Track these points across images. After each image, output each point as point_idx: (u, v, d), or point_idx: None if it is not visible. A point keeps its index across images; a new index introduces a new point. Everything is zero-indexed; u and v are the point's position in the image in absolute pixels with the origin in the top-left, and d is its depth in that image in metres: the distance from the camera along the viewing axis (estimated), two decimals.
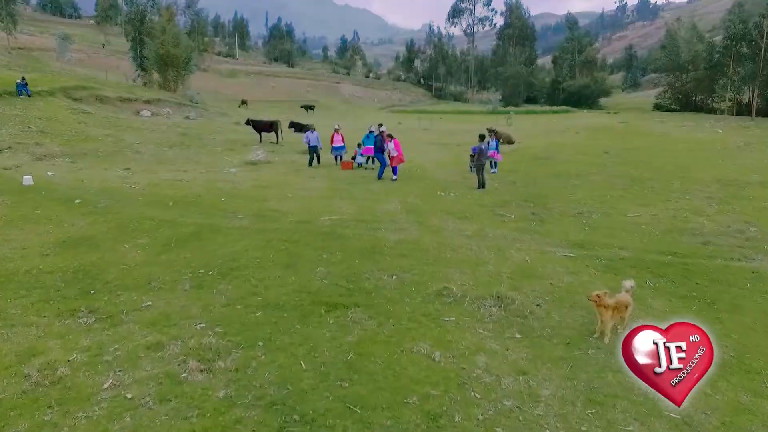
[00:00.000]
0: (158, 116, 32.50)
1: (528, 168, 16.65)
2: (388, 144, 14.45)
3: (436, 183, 13.84)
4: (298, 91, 79.18)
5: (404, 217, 9.86)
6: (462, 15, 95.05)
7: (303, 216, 9.66)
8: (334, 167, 17.07)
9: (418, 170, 16.33)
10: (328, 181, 14.04)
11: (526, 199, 11.62)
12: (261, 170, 16.12)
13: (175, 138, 23.23)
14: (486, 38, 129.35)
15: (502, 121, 40.87)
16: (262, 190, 12.29)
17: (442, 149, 22.76)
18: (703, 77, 48.73)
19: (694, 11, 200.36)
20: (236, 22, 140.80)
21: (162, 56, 40.29)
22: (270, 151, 21.27)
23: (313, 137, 17.16)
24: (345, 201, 11.27)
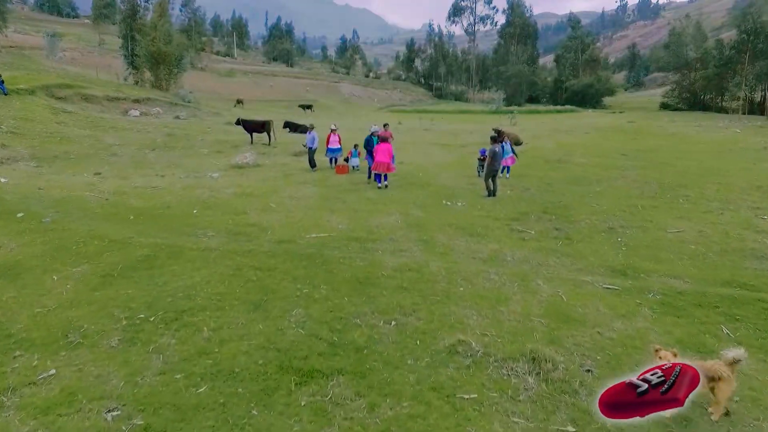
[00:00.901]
0: (147, 116, 31.03)
1: (541, 172, 15.13)
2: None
3: (440, 190, 12.33)
4: (296, 90, 77.75)
5: (405, 233, 8.35)
6: (463, 13, 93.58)
7: (285, 233, 8.15)
8: (328, 171, 15.57)
9: (420, 174, 14.83)
10: (319, 188, 12.53)
11: (545, 210, 10.10)
12: (247, 175, 14.61)
13: (160, 139, 21.74)
14: (486, 38, 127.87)
15: (506, 120, 39.39)
16: (243, 199, 10.78)
17: (445, 151, 21.24)
18: (712, 76, 47.19)
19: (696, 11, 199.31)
20: (234, 22, 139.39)
21: (153, 54, 38.82)
22: (261, 153, 19.80)
23: (310, 137, 15.68)
24: (337, 213, 9.76)
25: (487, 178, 11.68)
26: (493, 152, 11.66)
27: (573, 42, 79.97)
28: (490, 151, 11.70)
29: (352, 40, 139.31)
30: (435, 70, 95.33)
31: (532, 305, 5.50)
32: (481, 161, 14.44)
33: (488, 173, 11.66)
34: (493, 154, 11.65)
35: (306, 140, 15.60)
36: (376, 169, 12.73)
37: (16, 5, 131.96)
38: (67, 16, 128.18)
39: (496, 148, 11.76)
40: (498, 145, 11.95)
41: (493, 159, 11.64)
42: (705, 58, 50.83)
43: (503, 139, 19.10)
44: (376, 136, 13.53)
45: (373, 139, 13.49)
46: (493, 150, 11.68)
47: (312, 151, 15.69)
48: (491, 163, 11.63)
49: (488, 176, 11.66)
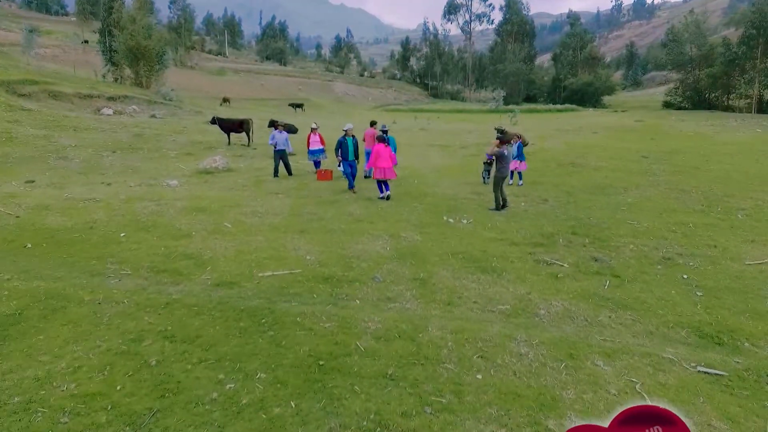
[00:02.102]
0: (121, 114, 28.75)
1: (557, 178, 13.01)
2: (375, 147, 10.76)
3: (440, 202, 10.16)
4: (288, 89, 75.49)
5: (395, 267, 6.18)
6: (458, 11, 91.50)
7: (230, 269, 5.96)
8: (309, 177, 13.39)
9: (416, 181, 12.67)
10: (293, 199, 10.33)
11: (573, 229, 7.96)
12: (212, 182, 12.40)
13: (125, 140, 19.46)
14: (482, 38, 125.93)
15: (506, 119, 37.31)
16: (192, 217, 8.57)
17: (444, 153, 19.10)
18: (719, 73, 45.31)
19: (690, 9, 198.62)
20: (226, 20, 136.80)
21: (132, 49, 36.43)
22: (237, 156, 17.63)
23: (282, 138, 13.49)
24: (309, 235, 7.57)
25: (496, 187, 9.53)
26: (501, 155, 9.51)
27: (571, 40, 78.09)
28: (498, 153, 9.54)
29: (346, 39, 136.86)
30: (431, 69, 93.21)
31: (598, 411, 3.34)
32: (487, 165, 12.30)
33: (496, 181, 9.52)
34: (501, 158, 9.50)
35: (277, 141, 13.36)
36: (378, 176, 10.54)
37: (3, 3, 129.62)
38: (56, 13, 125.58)
39: (504, 150, 9.61)
40: (506, 147, 9.81)
41: (501, 163, 9.49)
42: (710, 56, 48.96)
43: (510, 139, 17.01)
44: (351, 137, 11.35)
45: (347, 141, 11.29)
46: (501, 153, 9.52)
47: (284, 155, 13.48)
48: (499, 168, 9.48)
49: (497, 185, 9.52)
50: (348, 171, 11.38)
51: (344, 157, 11.36)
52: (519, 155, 12.03)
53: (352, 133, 11.48)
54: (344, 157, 11.36)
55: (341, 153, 11.35)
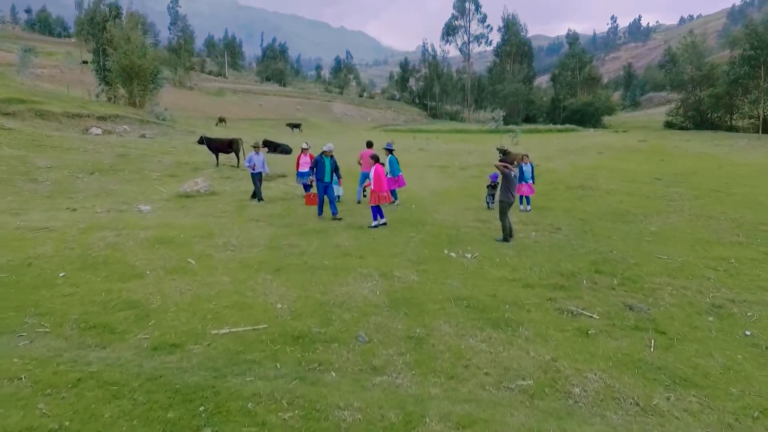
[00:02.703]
0: (110, 134, 27.86)
1: (567, 203, 11.89)
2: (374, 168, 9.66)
3: (440, 231, 9.01)
4: (287, 109, 75.26)
5: (385, 320, 4.99)
6: (457, 32, 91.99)
7: (179, 323, 4.77)
8: (297, 202, 12.27)
9: (413, 206, 11.55)
10: (275, 228, 9.18)
11: (596, 266, 6.79)
12: (189, 207, 11.27)
13: (107, 161, 18.42)
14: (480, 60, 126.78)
15: (507, 140, 36.47)
16: (154, 250, 7.40)
17: (443, 174, 18.05)
18: (722, 93, 44.73)
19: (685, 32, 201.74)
20: (227, 42, 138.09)
21: (125, 68, 35.81)
22: (225, 178, 16.57)
23: (259, 161, 12.45)
24: (284, 274, 6.39)
25: (502, 214, 8.39)
26: (508, 178, 8.39)
27: (570, 60, 78.21)
28: (505, 176, 8.43)
29: (346, 60, 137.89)
30: (429, 89, 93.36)
31: None
32: (491, 189, 11.19)
33: (503, 208, 8.38)
34: (507, 181, 8.38)
35: (254, 163, 12.33)
36: (377, 202, 9.43)
37: (6, 25, 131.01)
38: (58, 35, 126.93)
39: (512, 172, 8.50)
40: (515, 169, 8.71)
41: (508, 188, 8.36)
42: (711, 76, 48.54)
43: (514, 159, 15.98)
44: (329, 157, 10.30)
45: (324, 160, 10.21)
46: (508, 174, 8.40)
47: (257, 177, 12.45)
48: (505, 192, 8.35)
49: (504, 212, 8.38)
50: (321, 195, 10.30)
51: (319, 177, 10.28)
52: (529, 178, 10.93)
53: (331, 154, 10.43)
54: (319, 178, 10.28)
55: (316, 173, 10.29)
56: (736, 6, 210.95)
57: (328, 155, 10.34)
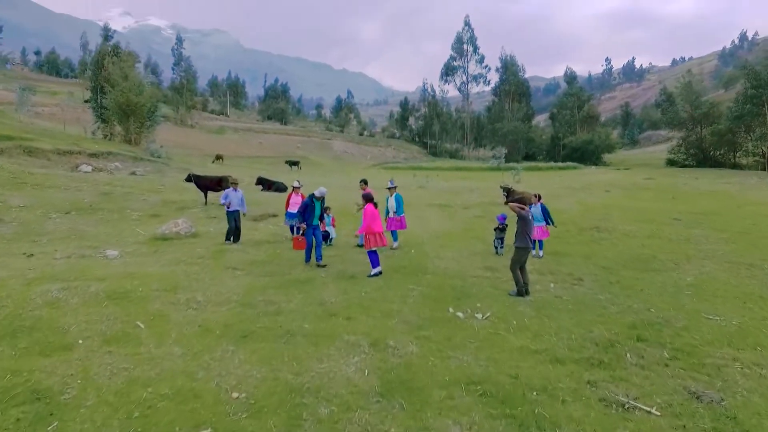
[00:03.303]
0: (101, 171, 27.00)
1: (584, 247, 10.70)
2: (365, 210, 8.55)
3: (443, 282, 7.78)
4: (287, 147, 75.38)
5: (374, 418, 3.71)
6: (455, 72, 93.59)
7: (90, 428, 3.49)
8: (283, 246, 11.09)
9: (413, 251, 10.35)
10: (253, 279, 7.95)
11: (637, 332, 5.52)
12: (163, 252, 10.08)
13: (88, 199, 17.37)
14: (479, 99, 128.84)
15: (509, 177, 35.69)
16: (100, 309, 6.14)
17: (445, 214, 16.95)
18: (725, 131, 44.44)
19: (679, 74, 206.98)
20: (230, 81, 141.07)
21: (121, 105, 35.50)
22: (212, 217, 15.50)
23: (236, 198, 11.42)
24: (251, 345, 5.12)
25: (515, 264, 7.18)
26: (525, 221, 7.23)
27: (569, 99, 78.98)
28: (521, 219, 7.27)
29: (347, 99, 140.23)
30: (429, 128, 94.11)
31: None
32: (500, 232, 10.02)
33: (517, 257, 7.18)
34: (524, 225, 7.21)
35: (230, 201, 11.31)
36: (374, 245, 8.28)
37: (16, 66, 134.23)
38: (65, 76, 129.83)
39: (528, 213, 7.35)
40: (529, 210, 7.56)
41: (525, 232, 7.18)
42: (711, 113, 48.48)
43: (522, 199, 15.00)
44: (319, 201, 9.30)
45: (315, 204, 9.21)
46: (524, 218, 7.25)
47: (233, 216, 11.32)
48: (523, 238, 7.16)
49: (517, 262, 7.17)
50: (309, 240, 9.20)
51: (307, 221, 9.22)
52: (542, 219, 9.80)
53: (323, 198, 9.46)
54: (307, 222, 9.22)
55: (305, 217, 9.22)
56: (726, 48, 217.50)
57: (319, 200, 9.34)
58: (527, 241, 7.12)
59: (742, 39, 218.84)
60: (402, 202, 11.01)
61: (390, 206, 10.91)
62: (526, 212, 7.24)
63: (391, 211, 10.91)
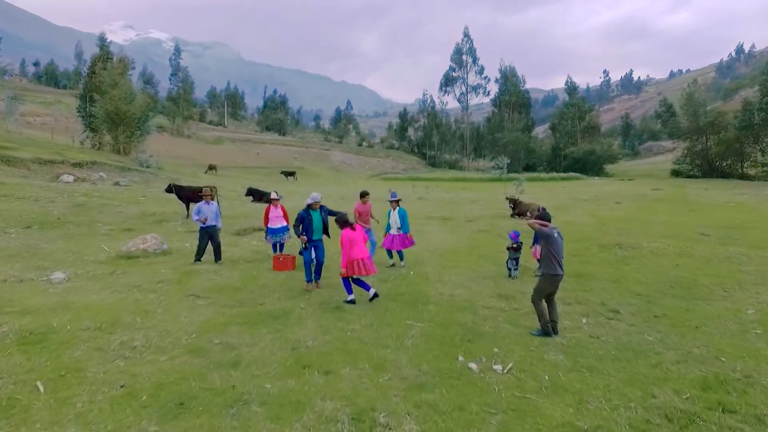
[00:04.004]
0: (83, 182, 25.63)
1: (609, 267, 9.25)
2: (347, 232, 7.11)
3: (449, 317, 6.31)
4: (284, 158, 74.19)
5: None
6: (455, 83, 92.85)
7: None
8: (263, 265, 9.63)
9: (412, 273, 8.90)
10: (217, 308, 6.50)
11: (718, 398, 4.05)
12: (119, 275, 8.60)
13: (58, 212, 15.94)
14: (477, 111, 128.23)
15: (511, 188, 34.32)
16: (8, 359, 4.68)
17: (447, 228, 15.50)
18: (732, 140, 43.27)
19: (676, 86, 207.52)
20: (228, 93, 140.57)
21: (110, 113, 34.23)
22: (191, 231, 14.02)
23: (211, 212, 9.99)
24: (184, 420, 3.65)
25: (538, 297, 5.70)
26: (549, 240, 5.75)
27: (570, 109, 78.08)
28: (545, 238, 5.78)
29: (346, 110, 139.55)
30: (428, 138, 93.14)
31: None
32: (514, 252, 8.56)
33: (541, 287, 5.71)
34: (549, 245, 5.73)
35: (203, 215, 9.84)
36: (350, 273, 6.87)
37: (14, 77, 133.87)
38: (64, 87, 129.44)
39: (551, 230, 5.86)
40: (552, 227, 6.05)
41: (551, 255, 5.69)
42: (717, 122, 47.37)
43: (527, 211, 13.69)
44: (317, 210, 7.83)
45: (311, 215, 7.76)
46: (548, 236, 5.77)
47: (207, 233, 9.86)
48: (550, 262, 5.67)
49: (541, 293, 5.70)
50: (308, 258, 7.74)
51: (308, 235, 7.77)
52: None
53: (319, 205, 7.93)
54: (308, 237, 7.77)
55: (304, 230, 7.77)
56: (724, 61, 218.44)
57: (316, 208, 7.86)
58: (555, 266, 5.65)
59: (739, 52, 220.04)
60: (407, 217, 9.57)
61: (393, 222, 9.48)
62: (549, 229, 5.80)
63: (394, 227, 9.48)
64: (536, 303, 5.69)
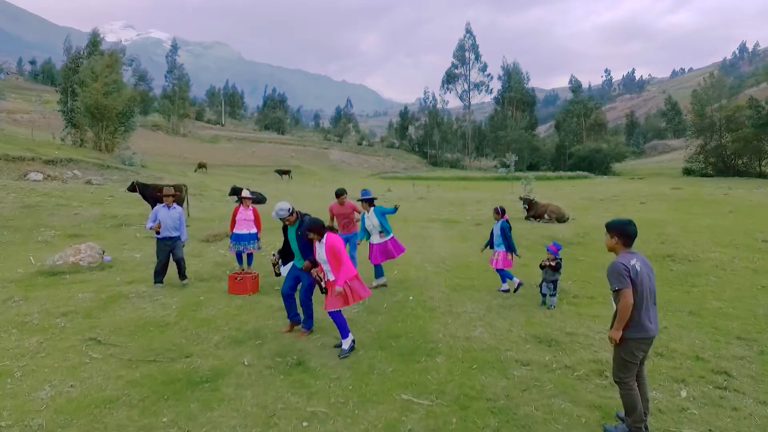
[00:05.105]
0: (53, 180, 23.40)
1: (675, 291, 6.99)
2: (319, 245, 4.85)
3: (467, 382, 4.06)
4: (280, 156, 71.94)
5: None
6: (457, 81, 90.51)
7: None
8: (216, 286, 7.39)
9: (412, 297, 6.63)
10: (111, 369, 4.25)
11: None
12: (12, 305, 6.36)
13: (1, 213, 13.74)
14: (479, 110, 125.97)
15: (518, 187, 32.02)
16: None
17: (453, 232, 13.22)
18: (750, 136, 40.94)
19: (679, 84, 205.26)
20: (226, 90, 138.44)
21: (90, 108, 32.01)
22: (151, 237, 11.69)
23: (170, 219, 7.63)
24: None
25: (625, 374, 3.25)
26: (636, 282, 3.31)
27: (575, 107, 75.74)
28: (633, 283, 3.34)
29: (346, 109, 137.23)
30: (429, 137, 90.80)
31: None
32: (551, 272, 6.28)
33: (626, 358, 3.27)
34: (637, 292, 3.37)
35: (163, 223, 7.48)
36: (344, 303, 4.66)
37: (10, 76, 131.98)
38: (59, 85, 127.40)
39: (632, 260, 3.41)
40: (633, 254, 3.53)
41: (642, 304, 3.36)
42: (733, 118, 45.02)
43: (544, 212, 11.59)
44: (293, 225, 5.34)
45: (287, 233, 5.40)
46: (631, 274, 3.33)
47: (166, 246, 7.53)
48: (641, 316, 3.33)
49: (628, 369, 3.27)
50: (286, 288, 5.42)
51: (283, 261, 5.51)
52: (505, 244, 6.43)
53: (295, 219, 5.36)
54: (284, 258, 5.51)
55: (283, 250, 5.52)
56: (727, 60, 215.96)
57: (291, 222, 5.34)
58: (644, 322, 3.32)
59: (742, 50, 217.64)
60: (385, 219, 7.31)
61: (370, 226, 7.26)
62: (628, 258, 3.45)
63: (375, 233, 7.25)
64: (624, 386, 3.32)
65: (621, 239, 3.48)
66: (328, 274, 4.81)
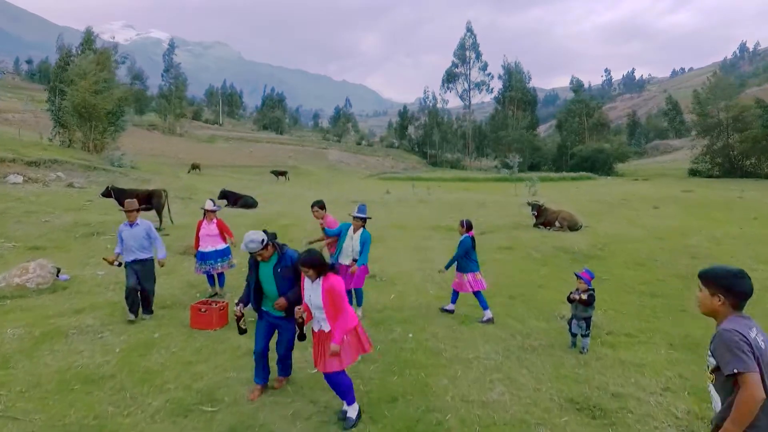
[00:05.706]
0: (34, 183, 22.21)
1: None
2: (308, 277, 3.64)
3: None
4: (278, 157, 70.72)
5: None
6: (457, 80, 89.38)
7: None
8: (181, 315, 6.21)
9: (411, 335, 5.43)
10: None
11: None
12: None
13: None
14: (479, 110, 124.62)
15: (522, 189, 30.83)
16: None
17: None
18: (760, 136, 39.80)
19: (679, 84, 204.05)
20: (225, 90, 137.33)
21: (77, 107, 30.80)
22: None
23: (132, 239, 6.35)
24: None
25: None
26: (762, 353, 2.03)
27: (577, 106, 74.59)
28: (751, 346, 2.02)
29: (345, 108, 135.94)
30: (429, 137, 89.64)
31: None
32: (583, 307, 5.07)
33: None
34: (759, 357, 2.16)
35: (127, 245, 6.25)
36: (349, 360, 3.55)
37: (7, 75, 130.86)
38: None
39: (751, 330, 2.11)
40: (747, 319, 2.18)
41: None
42: (740, 118, 43.88)
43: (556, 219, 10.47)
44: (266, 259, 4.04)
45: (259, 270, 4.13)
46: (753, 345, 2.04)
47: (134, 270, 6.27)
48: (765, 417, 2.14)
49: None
50: (259, 347, 4.16)
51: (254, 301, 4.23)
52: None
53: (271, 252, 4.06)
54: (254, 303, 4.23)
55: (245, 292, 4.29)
56: (727, 59, 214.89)
57: (265, 258, 4.05)
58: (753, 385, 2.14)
59: (742, 50, 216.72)
60: (369, 244, 6.10)
61: (348, 246, 6.07)
62: (745, 327, 2.24)
63: (347, 255, 6.06)
64: None
65: (729, 299, 2.26)
66: (320, 324, 3.62)
